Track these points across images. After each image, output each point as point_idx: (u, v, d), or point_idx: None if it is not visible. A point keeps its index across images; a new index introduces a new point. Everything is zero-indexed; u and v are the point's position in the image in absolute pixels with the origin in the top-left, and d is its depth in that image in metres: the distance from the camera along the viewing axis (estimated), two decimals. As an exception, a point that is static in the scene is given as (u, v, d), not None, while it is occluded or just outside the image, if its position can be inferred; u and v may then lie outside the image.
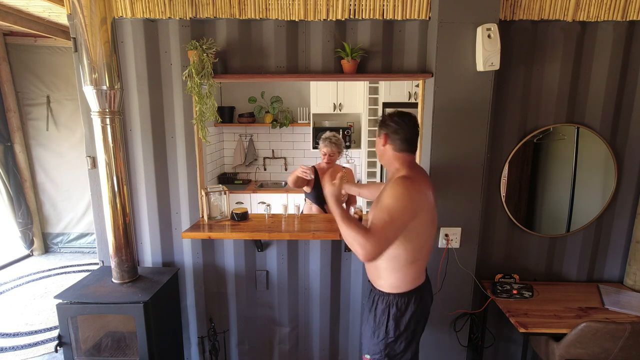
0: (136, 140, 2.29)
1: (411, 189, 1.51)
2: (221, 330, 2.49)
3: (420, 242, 1.59)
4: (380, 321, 1.64)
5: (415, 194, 1.52)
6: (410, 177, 1.55)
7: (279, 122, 4.53)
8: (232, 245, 2.38)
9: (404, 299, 1.61)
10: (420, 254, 1.62)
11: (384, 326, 1.62)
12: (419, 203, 1.53)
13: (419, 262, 1.64)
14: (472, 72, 2.02)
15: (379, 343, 1.64)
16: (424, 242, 1.62)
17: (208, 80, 2.06)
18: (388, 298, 1.63)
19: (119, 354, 2.21)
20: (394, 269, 1.61)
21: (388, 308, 1.62)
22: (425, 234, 1.61)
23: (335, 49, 2.17)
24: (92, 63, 1.84)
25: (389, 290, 1.63)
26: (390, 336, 1.62)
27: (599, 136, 2.25)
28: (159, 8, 2.09)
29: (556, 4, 2.06)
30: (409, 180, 1.52)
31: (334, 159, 2.85)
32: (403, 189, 1.49)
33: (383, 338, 1.62)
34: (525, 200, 2.39)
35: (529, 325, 1.93)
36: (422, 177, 1.62)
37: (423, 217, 1.55)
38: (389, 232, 1.45)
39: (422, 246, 1.61)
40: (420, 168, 1.71)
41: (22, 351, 2.85)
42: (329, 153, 2.81)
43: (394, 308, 1.61)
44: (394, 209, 1.46)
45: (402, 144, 1.61)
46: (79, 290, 2.06)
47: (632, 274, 2.32)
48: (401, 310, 1.61)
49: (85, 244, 4.83)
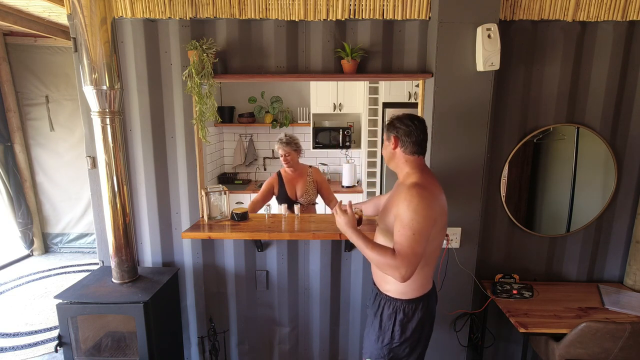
0: (136, 140, 2.29)
1: (429, 198, 1.46)
2: (221, 330, 2.49)
3: (432, 247, 1.56)
4: (386, 326, 1.61)
5: (433, 201, 1.48)
6: (423, 184, 1.50)
7: (279, 122, 4.53)
8: (232, 245, 2.38)
9: (411, 305, 1.59)
10: (430, 259, 1.60)
11: (389, 331, 1.60)
12: (437, 210, 1.49)
13: (428, 267, 1.62)
14: (472, 72, 2.02)
15: (382, 348, 1.62)
16: (436, 247, 1.59)
17: (208, 80, 2.06)
18: (395, 304, 1.60)
19: (119, 354, 2.21)
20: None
21: (395, 314, 1.59)
22: (437, 239, 1.58)
23: (335, 49, 2.17)
24: (92, 63, 1.84)
25: (396, 295, 1.60)
26: (396, 341, 1.60)
27: (599, 136, 2.25)
28: (159, 8, 2.09)
29: (556, 4, 2.06)
30: (423, 189, 1.47)
31: (291, 159, 2.79)
32: (420, 199, 1.43)
33: (388, 343, 1.61)
34: (525, 200, 2.39)
35: (529, 325, 1.93)
36: (434, 182, 1.58)
37: (440, 224, 1.53)
38: (417, 248, 1.41)
39: (433, 252, 1.59)
40: (430, 171, 1.65)
41: (22, 351, 2.85)
42: (284, 154, 2.77)
43: (401, 314, 1.59)
44: (415, 222, 1.41)
45: (413, 147, 1.56)
46: (79, 290, 2.06)
47: (632, 274, 2.32)
48: (408, 316, 1.59)
49: (85, 244, 4.83)
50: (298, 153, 2.84)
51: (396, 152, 1.59)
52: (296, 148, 2.81)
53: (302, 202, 2.83)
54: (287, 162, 2.79)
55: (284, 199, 2.83)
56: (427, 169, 1.63)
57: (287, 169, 2.85)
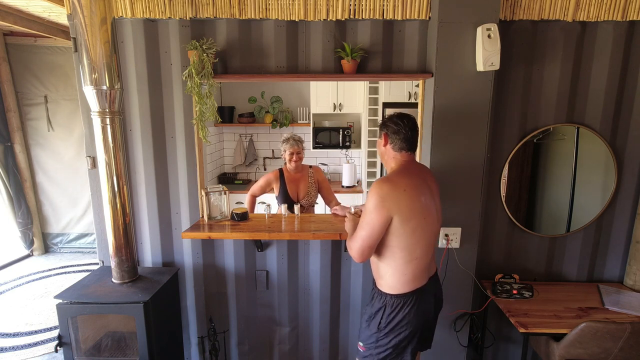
0: (136, 140, 2.29)
1: (384, 189, 1.55)
2: (221, 330, 2.49)
3: (411, 241, 1.58)
4: (373, 316, 1.71)
5: (390, 193, 1.54)
6: (389, 178, 1.61)
7: (279, 122, 4.53)
8: (232, 245, 2.38)
9: (398, 301, 1.64)
10: (414, 253, 1.60)
11: (377, 322, 1.69)
12: (393, 202, 1.53)
13: (416, 262, 1.62)
14: (472, 72, 2.02)
15: (371, 335, 1.70)
16: (416, 241, 1.59)
17: (208, 80, 2.06)
18: (385, 298, 1.67)
19: (119, 354, 2.21)
20: (392, 269, 1.63)
21: (384, 306, 1.67)
22: (415, 233, 1.58)
23: (335, 49, 2.17)
24: (92, 63, 1.84)
25: (386, 290, 1.67)
26: (381, 332, 1.67)
27: (599, 136, 2.25)
28: (159, 8, 2.09)
29: (556, 4, 2.06)
30: (384, 182, 1.57)
31: (301, 156, 2.81)
32: (374, 193, 1.55)
33: (375, 332, 1.69)
34: (525, 200, 2.39)
35: (529, 325, 1.93)
36: (409, 178, 1.60)
37: (404, 216, 1.54)
38: (363, 234, 1.58)
39: (414, 245, 1.59)
40: (416, 167, 1.70)
41: (22, 351, 2.85)
42: (295, 152, 2.77)
43: (389, 308, 1.65)
44: (367, 213, 1.57)
45: (401, 144, 1.65)
46: (79, 290, 2.06)
47: (632, 274, 2.32)
48: (395, 310, 1.64)
49: (85, 244, 4.83)
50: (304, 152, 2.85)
51: (387, 149, 1.69)
52: (303, 147, 2.83)
53: (303, 203, 2.83)
54: (297, 160, 2.79)
55: (284, 199, 2.82)
56: (413, 165, 1.70)
57: (292, 169, 2.84)
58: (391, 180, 1.59)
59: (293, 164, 2.80)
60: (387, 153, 1.70)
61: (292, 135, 2.80)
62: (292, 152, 2.77)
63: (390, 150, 1.68)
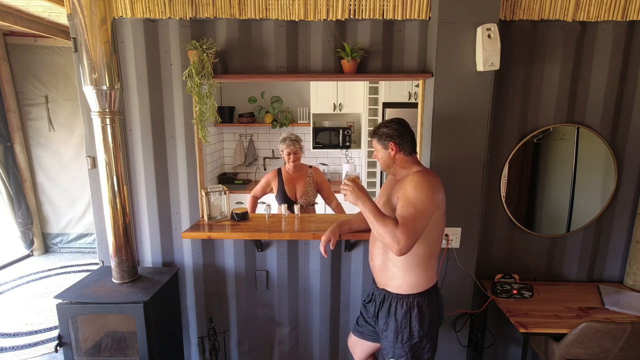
0: (136, 140, 2.29)
1: (433, 181, 1.57)
2: (221, 330, 2.49)
3: (436, 235, 1.64)
4: (402, 324, 1.64)
5: (437, 185, 1.58)
6: (428, 171, 1.63)
7: (279, 122, 4.53)
8: (232, 246, 2.38)
9: (423, 298, 1.64)
10: (435, 248, 1.66)
11: (407, 328, 1.63)
12: (440, 196, 1.58)
13: (435, 257, 1.69)
14: (472, 72, 2.02)
15: (403, 346, 1.65)
16: (439, 236, 1.66)
17: (208, 80, 2.06)
18: (408, 300, 1.63)
19: (119, 354, 2.21)
20: (413, 266, 1.62)
21: (410, 310, 1.63)
22: (440, 227, 1.65)
23: (335, 49, 2.17)
24: (92, 63, 1.84)
25: (407, 291, 1.64)
26: (415, 337, 1.63)
27: (599, 136, 2.25)
28: (159, 8, 2.09)
29: (556, 4, 2.06)
30: (428, 174, 1.59)
31: (298, 156, 2.81)
32: (426, 181, 1.54)
33: (407, 340, 1.63)
34: (525, 200, 2.39)
35: (529, 325, 1.93)
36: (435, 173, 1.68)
37: (441, 210, 1.60)
38: (418, 225, 1.48)
39: (436, 240, 1.65)
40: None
41: (22, 351, 2.85)
42: (293, 152, 2.78)
43: (416, 309, 1.62)
44: (419, 200, 1.50)
45: (410, 147, 1.67)
46: (79, 290, 2.06)
47: (632, 274, 2.32)
48: (423, 310, 1.63)
49: (85, 244, 4.83)
50: (302, 152, 2.85)
51: (398, 156, 1.68)
52: (301, 147, 2.82)
53: (301, 203, 2.83)
54: (294, 160, 2.80)
55: (282, 199, 2.82)
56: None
57: (290, 169, 2.85)
58: (431, 173, 1.61)
59: (291, 163, 2.81)
60: (397, 161, 1.68)
61: (289, 135, 2.80)
62: (290, 152, 2.78)
63: (402, 156, 1.67)
